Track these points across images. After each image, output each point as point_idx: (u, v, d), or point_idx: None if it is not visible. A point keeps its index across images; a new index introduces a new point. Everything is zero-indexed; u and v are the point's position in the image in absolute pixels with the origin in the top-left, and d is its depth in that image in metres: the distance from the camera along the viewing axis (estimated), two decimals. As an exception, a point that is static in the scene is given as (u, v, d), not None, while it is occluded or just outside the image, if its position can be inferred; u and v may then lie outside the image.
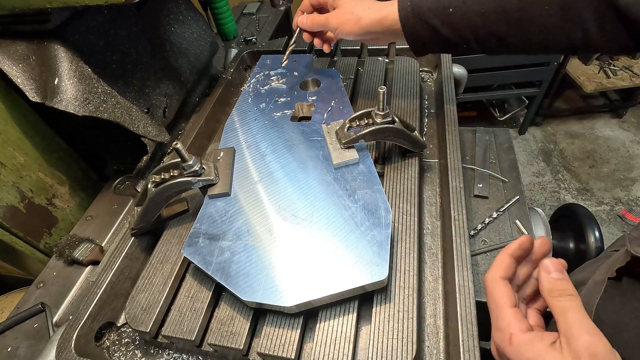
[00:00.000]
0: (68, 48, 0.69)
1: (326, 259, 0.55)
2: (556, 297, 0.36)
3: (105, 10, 0.77)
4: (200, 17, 1.04)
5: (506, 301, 0.38)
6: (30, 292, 0.73)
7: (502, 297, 0.38)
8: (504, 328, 0.36)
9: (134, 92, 0.84)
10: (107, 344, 0.62)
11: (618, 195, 2.24)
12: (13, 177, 0.77)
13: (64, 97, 0.68)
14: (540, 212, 0.84)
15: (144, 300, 0.59)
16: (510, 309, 0.37)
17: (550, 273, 0.38)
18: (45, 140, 0.84)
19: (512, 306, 0.38)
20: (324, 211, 0.61)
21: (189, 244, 0.60)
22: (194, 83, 1.04)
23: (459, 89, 1.02)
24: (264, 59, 1.00)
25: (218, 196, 0.66)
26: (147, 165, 0.86)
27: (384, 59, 1.00)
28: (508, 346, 0.35)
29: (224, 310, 0.57)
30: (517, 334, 0.35)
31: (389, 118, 0.66)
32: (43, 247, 0.84)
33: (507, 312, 0.37)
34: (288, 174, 0.68)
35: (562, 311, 0.35)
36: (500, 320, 0.37)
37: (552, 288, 0.37)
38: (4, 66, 0.67)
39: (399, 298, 0.54)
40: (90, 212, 0.86)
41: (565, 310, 0.35)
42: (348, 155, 0.67)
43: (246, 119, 0.82)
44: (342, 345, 0.51)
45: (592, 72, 2.39)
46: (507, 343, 0.35)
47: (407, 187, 0.68)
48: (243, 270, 0.56)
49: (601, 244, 1.11)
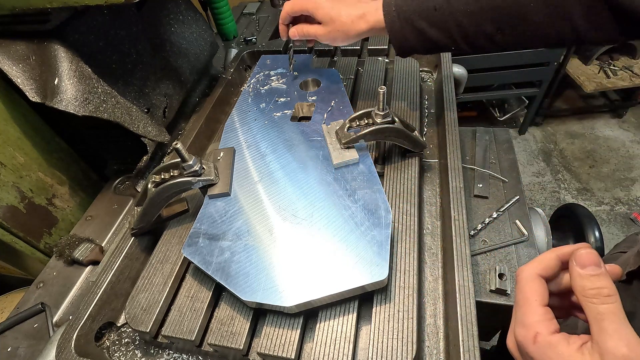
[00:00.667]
0: (68, 48, 0.69)
1: (326, 259, 0.55)
2: (590, 298, 0.32)
3: (105, 10, 0.77)
4: (200, 17, 1.04)
5: (537, 298, 0.35)
6: (30, 292, 0.73)
7: (534, 294, 0.35)
8: (530, 325, 0.34)
9: (134, 92, 0.84)
10: (107, 344, 0.62)
11: (618, 195, 2.24)
12: (13, 177, 0.77)
13: (64, 97, 0.68)
14: (540, 212, 0.84)
15: (144, 300, 0.59)
16: (540, 307, 0.35)
17: (585, 267, 0.34)
18: (45, 140, 0.84)
19: (542, 304, 0.35)
20: (324, 211, 0.61)
21: (189, 244, 0.60)
22: (194, 83, 1.04)
23: (459, 89, 1.02)
24: (264, 59, 1.00)
25: (218, 196, 0.66)
26: (147, 165, 0.86)
27: (384, 59, 1.00)
28: (532, 344, 0.33)
29: (224, 310, 0.57)
30: (544, 333, 0.33)
31: (389, 118, 0.66)
32: (43, 247, 0.84)
33: (536, 309, 0.35)
34: (288, 174, 0.68)
35: (598, 316, 0.31)
36: (528, 316, 0.35)
37: (586, 286, 0.33)
38: (4, 66, 0.67)
39: (399, 298, 0.54)
40: (90, 212, 0.86)
41: (601, 315, 0.31)
42: (348, 155, 0.67)
43: (246, 119, 0.82)
44: (342, 345, 0.51)
45: (592, 72, 2.39)
46: (531, 341, 0.33)
47: (407, 187, 0.68)
48: (243, 270, 0.56)
49: (601, 244, 1.11)
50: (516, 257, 0.71)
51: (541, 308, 0.35)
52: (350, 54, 1.06)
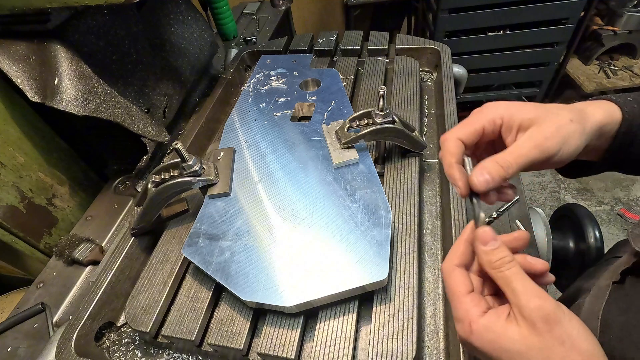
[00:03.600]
0: (68, 48, 0.69)
1: (326, 259, 0.55)
2: (497, 269, 0.35)
3: (105, 10, 0.77)
4: (200, 17, 1.04)
5: (462, 289, 0.37)
6: (30, 292, 0.73)
7: (458, 285, 0.37)
8: (463, 318, 0.35)
9: (134, 92, 0.84)
10: (107, 344, 0.62)
11: (618, 195, 2.24)
12: (13, 177, 0.77)
13: (64, 97, 0.68)
14: (540, 212, 0.84)
15: (144, 300, 0.59)
16: (465, 296, 0.36)
17: (486, 244, 0.37)
18: (45, 140, 0.84)
19: (467, 293, 0.36)
20: (324, 211, 0.61)
21: (189, 244, 0.60)
22: (194, 83, 1.04)
23: (459, 89, 1.02)
24: (264, 59, 1.00)
25: (218, 196, 0.66)
26: (147, 165, 0.86)
27: (384, 59, 1.00)
28: (470, 335, 0.34)
29: (224, 310, 0.57)
30: (476, 320, 0.34)
31: (389, 118, 0.66)
32: (43, 247, 0.84)
33: (463, 300, 0.36)
34: (288, 174, 0.68)
35: (506, 281, 0.34)
36: (458, 309, 0.36)
37: (490, 259, 0.36)
38: (4, 66, 0.67)
39: (399, 298, 0.54)
40: (90, 212, 0.86)
41: (508, 280, 0.34)
42: (348, 155, 0.67)
43: (246, 119, 0.82)
44: (342, 345, 0.51)
45: (592, 72, 2.39)
46: (469, 333, 0.34)
47: (407, 187, 0.68)
48: (243, 270, 0.56)
49: (601, 244, 1.11)
50: (516, 257, 0.71)
51: (466, 297, 0.36)
52: (350, 54, 1.06)
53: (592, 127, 0.43)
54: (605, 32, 2.20)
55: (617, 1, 2.16)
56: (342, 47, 1.07)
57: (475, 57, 2.13)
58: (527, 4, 1.88)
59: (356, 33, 1.08)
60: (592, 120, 0.43)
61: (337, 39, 1.09)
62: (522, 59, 2.15)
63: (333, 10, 2.70)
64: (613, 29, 2.19)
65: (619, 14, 2.15)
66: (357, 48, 1.05)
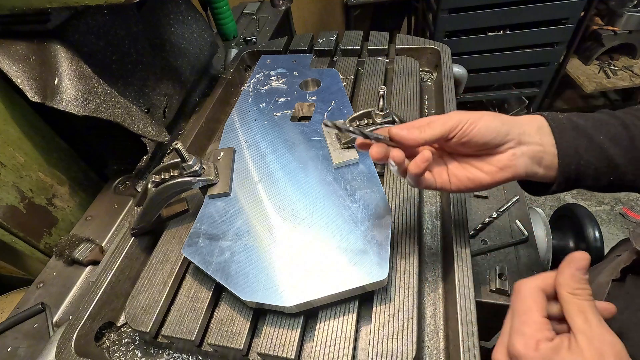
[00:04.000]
0: (68, 48, 0.69)
1: (326, 259, 0.55)
2: (577, 295, 0.36)
3: (105, 10, 0.77)
4: (200, 17, 1.04)
5: (540, 309, 0.38)
6: (30, 292, 0.73)
7: (537, 305, 0.38)
8: (531, 334, 0.37)
9: (134, 92, 0.84)
10: (107, 344, 0.62)
11: (618, 195, 2.24)
12: (13, 177, 0.77)
13: (64, 97, 0.68)
14: (540, 212, 0.84)
15: (144, 300, 0.59)
16: (542, 317, 0.38)
17: (580, 269, 0.38)
18: (45, 140, 0.84)
19: (543, 316, 0.38)
20: (324, 211, 0.61)
21: (189, 244, 0.60)
22: (194, 83, 1.04)
23: (459, 89, 1.02)
24: (264, 59, 1.00)
25: (218, 196, 0.66)
26: (147, 165, 0.86)
27: (384, 59, 1.00)
28: (533, 352, 0.36)
29: (224, 310, 0.57)
30: (545, 341, 0.36)
31: (389, 118, 0.66)
32: (43, 247, 0.84)
33: (538, 319, 0.37)
34: (288, 174, 0.68)
35: (582, 309, 0.36)
36: (528, 326, 0.37)
37: (575, 285, 0.37)
38: (4, 66, 0.67)
39: (399, 298, 0.54)
40: (90, 212, 0.86)
41: (585, 309, 0.36)
42: (348, 155, 0.67)
43: (246, 119, 0.82)
44: (342, 345, 0.51)
45: (592, 72, 2.39)
46: (533, 349, 0.36)
47: (407, 187, 0.68)
48: (243, 270, 0.56)
49: (601, 244, 1.11)
50: (516, 257, 0.71)
51: (542, 318, 0.37)
52: (350, 54, 1.06)
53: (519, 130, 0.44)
54: (605, 32, 2.20)
55: (617, 1, 2.16)
56: (342, 47, 1.07)
57: (475, 57, 2.13)
58: (527, 4, 1.88)
59: (356, 33, 1.08)
60: (520, 122, 0.45)
61: (337, 39, 1.09)
62: (522, 59, 2.15)
63: (333, 10, 2.70)
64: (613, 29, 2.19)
65: (619, 14, 2.15)
66: (357, 48, 1.05)
